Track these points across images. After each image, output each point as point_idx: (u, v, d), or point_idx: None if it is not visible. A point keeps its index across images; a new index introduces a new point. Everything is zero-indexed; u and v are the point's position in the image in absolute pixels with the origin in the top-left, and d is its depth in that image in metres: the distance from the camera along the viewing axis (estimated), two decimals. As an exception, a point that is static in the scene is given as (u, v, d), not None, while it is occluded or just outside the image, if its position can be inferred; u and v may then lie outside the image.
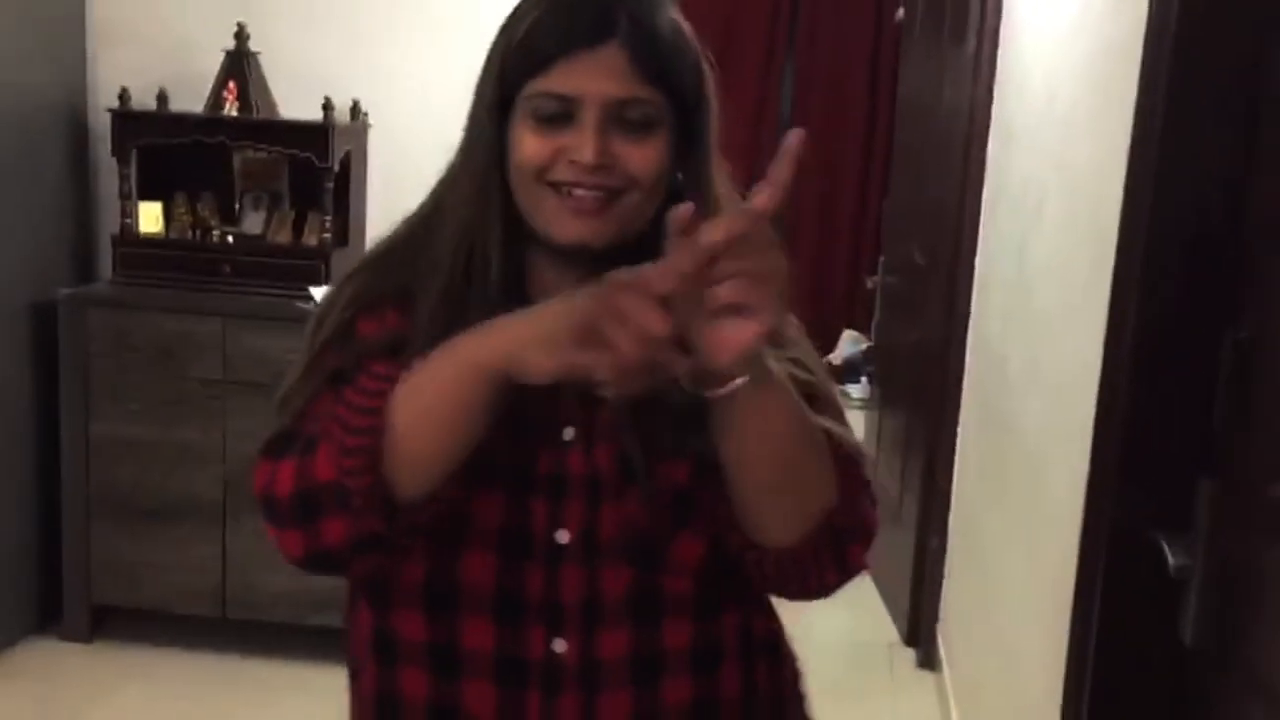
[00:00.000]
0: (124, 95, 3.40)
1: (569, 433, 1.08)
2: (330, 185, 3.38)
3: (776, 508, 1.04)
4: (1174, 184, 1.43)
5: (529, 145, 1.04)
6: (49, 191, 3.46)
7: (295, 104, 3.49)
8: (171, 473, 3.34)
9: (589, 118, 1.02)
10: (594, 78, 1.02)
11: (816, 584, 1.08)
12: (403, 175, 3.63)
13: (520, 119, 1.05)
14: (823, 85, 5.48)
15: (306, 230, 3.50)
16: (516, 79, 1.05)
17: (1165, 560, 1.38)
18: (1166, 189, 1.43)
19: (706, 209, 1.08)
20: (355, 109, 3.53)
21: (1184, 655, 1.42)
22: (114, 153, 3.40)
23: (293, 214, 3.54)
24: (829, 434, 1.06)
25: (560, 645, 1.08)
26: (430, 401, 0.99)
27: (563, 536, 1.07)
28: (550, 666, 1.08)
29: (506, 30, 1.08)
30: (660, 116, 1.05)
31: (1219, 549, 1.36)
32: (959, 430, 3.56)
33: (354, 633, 1.17)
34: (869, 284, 4.59)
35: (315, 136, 3.35)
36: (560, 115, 1.03)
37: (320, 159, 3.35)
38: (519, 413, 1.03)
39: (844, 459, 1.07)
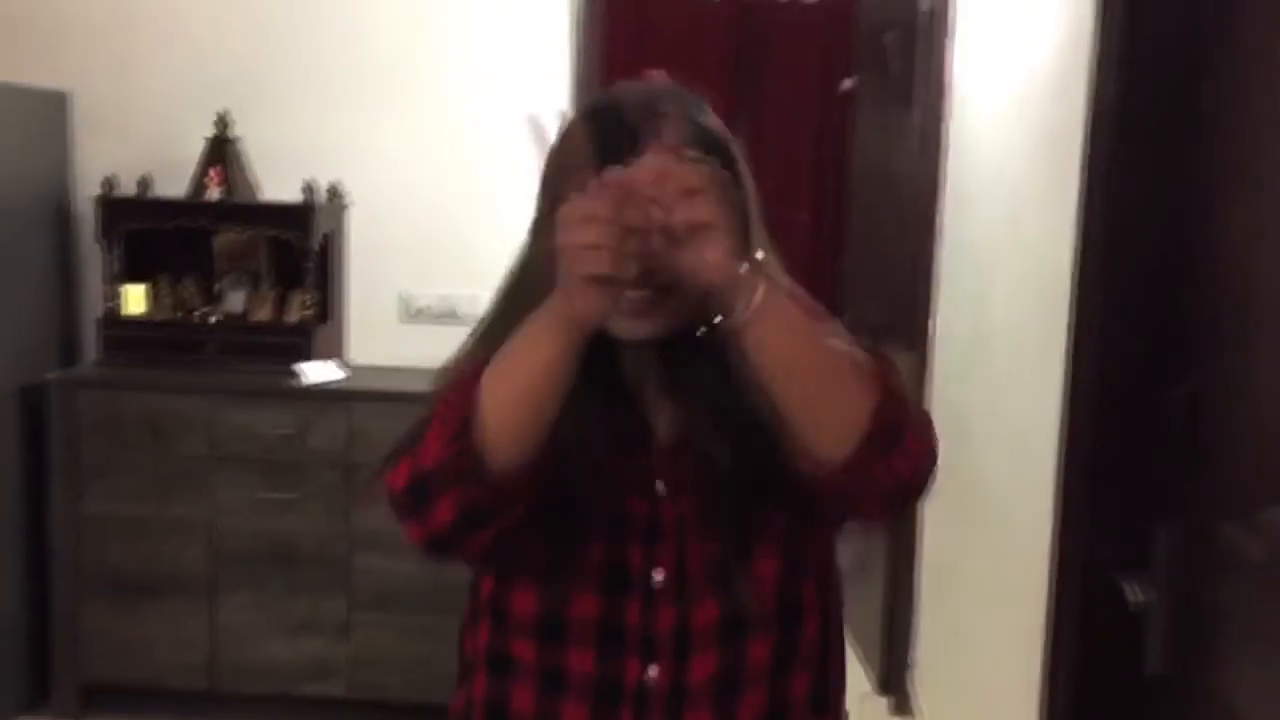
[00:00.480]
0: (108, 183, 3.50)
1: (660, 485, 1.22)
2: (312, 264, 3.49)
3: (821, 416, 1.10)
4: (1122, 258, 1.57)
5: None
6: (35, 277, 3.54)
7: (274, 186, 3.61)
8: (160, 548, 3.39)
9: None
10: None
11: (891, 479, 1.12)
12: (381, 251, 3.76)
13: None
14: (771, 151, 5.67)
15: (289, 307, 3.60)
16: (561, 193, 1.16)
17: (1128, 598, 1.50)
18: (1114, 263, 1.58)
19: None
20: (334, 190, 3.65)
21: (1149, 685, 1.53)
22: (99, 238, 3.50)
23: (273, 292, 3.63)
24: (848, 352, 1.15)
25: (653, 671, 1.21)
26: (518, 363, 1.09)
27: (658, 575, 1.21)
28: (642, 690, 1.21)
29: (555, 145, 1.20)
30: None
31: (1177, 585, 1.48)
32: (923, 482, 3.65)
33: (470, 642, 1.30)
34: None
35: (298, 218, 3.47)
36: None
37: (303, 239, 3.45)
38: (616, 469, 1.18)
39: (864, 367, 1.14)
